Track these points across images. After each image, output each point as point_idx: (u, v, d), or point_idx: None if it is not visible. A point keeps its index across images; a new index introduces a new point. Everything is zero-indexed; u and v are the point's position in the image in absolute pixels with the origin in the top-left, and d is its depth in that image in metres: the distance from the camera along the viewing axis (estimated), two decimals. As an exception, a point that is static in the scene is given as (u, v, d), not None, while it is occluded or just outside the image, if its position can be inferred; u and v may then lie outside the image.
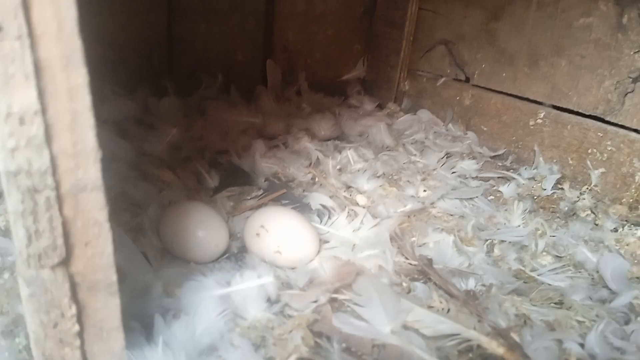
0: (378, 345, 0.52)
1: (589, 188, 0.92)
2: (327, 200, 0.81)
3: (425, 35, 1.28)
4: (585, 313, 0.59)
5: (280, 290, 0.58)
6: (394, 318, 0.54)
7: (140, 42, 1.13)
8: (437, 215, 0.83)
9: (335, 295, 0.58)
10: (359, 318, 0.55)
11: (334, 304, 0.58)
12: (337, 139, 1.11)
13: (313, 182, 0.91)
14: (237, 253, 0.69)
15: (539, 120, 1.03)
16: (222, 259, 0.66)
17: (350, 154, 0.99)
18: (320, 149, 1.00)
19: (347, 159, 0.98)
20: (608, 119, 0.91)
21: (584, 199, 0.89)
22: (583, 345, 0.54)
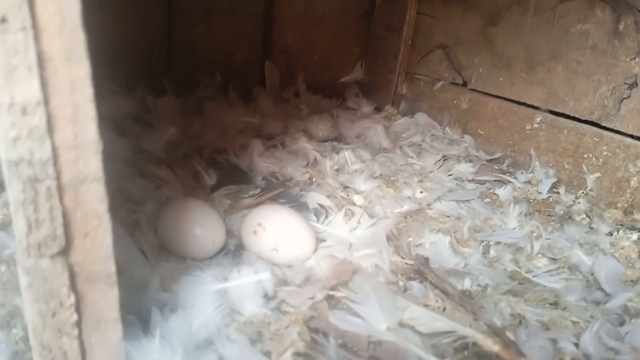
0: (374, 342, 0.52)
1: (585, 192, 0.93)
2: (324, 200, 0.81)
3: (423, 39, 1.28)
4: (580, 314, 0.60)
5: (277, 287, 0.58)
6: (390, 315, 0.54)
7: (140, 41, 1.13)
8: (433, 217, 0.83)
9: (332, 293, 0.59)
10: (356, 315, 0.55)
11: (331, 301, 0.58)
12: (334, 140, 1.11)
13: (310, 181, 0.92)
14: (234, 250, 0.69)
15: (536, 125, 1.03)
16: (219, 256, 0.67)
17: (348, 155, 0.99)
18: (318, 150, 1.01)
19: (344, 160, 0.98)
20: (604, 124, 0.92)
21: (580, 203, 0.89)
22: (577, 345, 0.54)
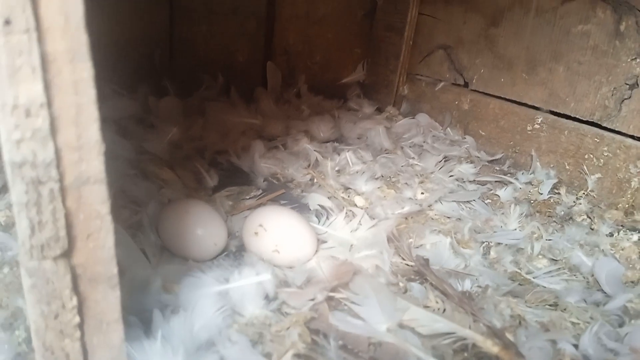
0: (374, 343, 0.52)
1: (585, 193, 0.93)
2: (325, 201, 0.82)
3: (425, 40, 1.29)
4: (580, 315, 0.60)
5: (278, 288, 0.59)
6: (390, 317, 0.54)
7: (142, 42, 1.13)
8: (434, 218, 0.84)
9: (333, 294, 0.59)
10: (356, 316, 0.55)
11: (331, 302, 0.58)
12: (335, 141, 1.12)
13: (312, 183, 0.92)
14: (235, 252, 0.69)
15: (537, 126, 1.04)
16: (220, 257, 0.67)
17: (349, 156, 0.99)
18: (319, 151, 1.01)
19: (345, 161, 0.98)
20: (605, 125, 0.92)
21: (580, 204, 0.90)
22: (577, 346, 0.55)
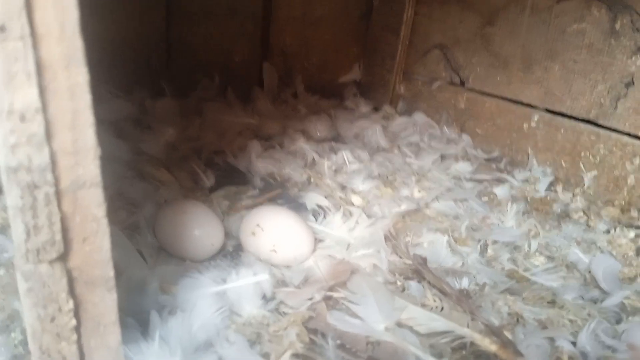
0: (372, 343, 0.52)
1: (582, 190, 0.93)
2: (322, 200, 0.82)
3: (421, 40, 1.28)
4: (577, 312, 0.60)
5: (276, 288, 0.59)
6: (388, 316, 0.54)
7: (138, 43, 1.13)
8: (431, 216, 0.84)
9: (330, 293, 0.59)
10: (354, 315, 0.55)
11: (329, 302, 0.58)
12: (332, 141, 1.11)
13: (308, 182, 0.92)
14: (232, 251, 0.69)
15: (533, 124, 1.04)
16: (217, 258, 0.67)
17: (346, 155, 0.99)
18: (316, 150, 1.01)
19: (342, 160, 0.98)
20: (601, 123, 0.93)
21: (577, 201, 0.90)
22: (575, 344, 0.55)
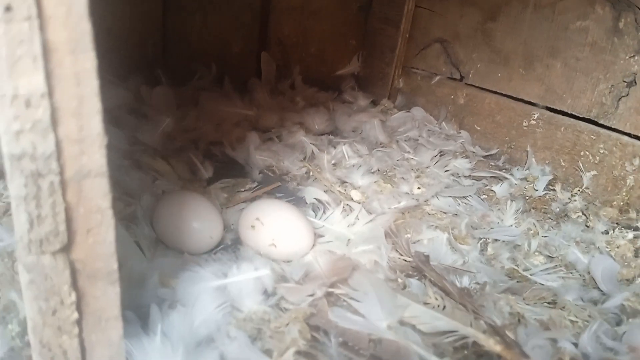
0: (374, 340, 0.52)
1: (581, 190, 0.93)
2: (321, 195, 0.81)
3: (421, 33, 1.28)
4: (578, 313, 0.60)
5: (277, 283, 0.58)
6: (391, 313, 0.54)
7: (135, 31, 1.11)
8: (431, 213, 0.83)
9: (332, 290, 0.58)
10: (356, 313, 0.54)
11: (330, 298, 0.57)
12: (330, 134, 1.11)
13: (307, 176, 0.91)
14: (231, 245, 0.68)
15: (533, 122, 1.03)
16: (217, 251, 0.66)
17: (345, 149, 0.98)
18: (315, 143, 1.00)
19: (341, 154, 0.97)
20: (601, 122, 0.92)
21: (576, 201, 0.90)
22: (577, 345, 0.55)
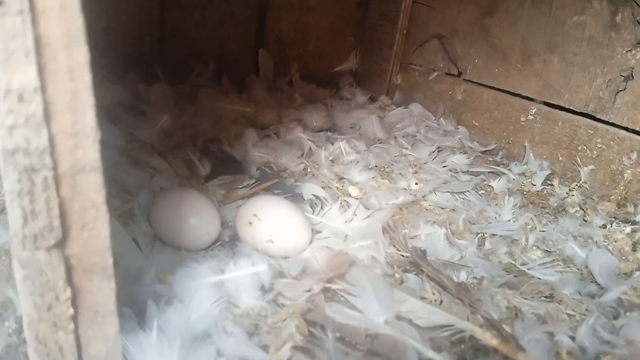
0: (371, 335, 0.52)
1: (578, 185, 0.93)
2: (319, 191, 0.81)
3: (419, 29, 1.27)
4: (575, 307, 0.60)
5: (274, 279, 0.58)
6: (388, 308, 0.54)
7: (132, 27, 1.11)
8: (428, 208, 0.83)
9: (329, 285, 0.58)
10: (353, 308, 0.54)
11: (327, 294, 0.57)
12: (328, 131, 1.11)
13: (305, 172, 0.91)
14: (228, 241, 0.68)
15: (530, 117, 1.03)
16: (214, 247, 0.66)
17: (343, 146, 0.98)
18: (313, 140, 1.00)
19: (339, 150, 0.97)
20: (599, 117, 0.92)
21: (573, 195, 0.90)
22: (574, 339, 0.55)
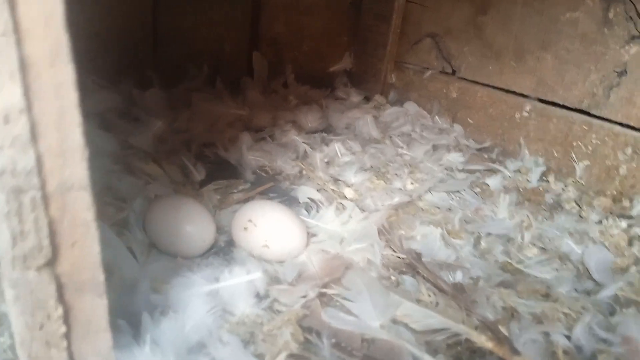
0: (367, 340, 0.52)
1: (574, 180, 0.93)
2: (314, 194, 0.81)
3: (413, 28, 1.27)
4: (572, 305, 0.60)
5: (269, 285, 0.58)
6: (383, 312, 0.54)
7: (125, 32, 1.11)
8: (424, 208, 0.83)
9: (324, 290, 0.58)
10: (348, 313, 0.54)
11: (323, 299, 0.57)
12: (323, 132, 1.11)
13: (300, 175, 0.91)
14: (224, 247, 0.68)
15: (525, 114, 1.03)
16: (209, 254, 0.66)
17: (338, 147, 0.98)
18: (308, 142, 1.00)
19: (334, 152, 0.97)
20: (593, 113, 0.92)
21: (569, 192, 0.90)
22: (570, 338, 0.55)
